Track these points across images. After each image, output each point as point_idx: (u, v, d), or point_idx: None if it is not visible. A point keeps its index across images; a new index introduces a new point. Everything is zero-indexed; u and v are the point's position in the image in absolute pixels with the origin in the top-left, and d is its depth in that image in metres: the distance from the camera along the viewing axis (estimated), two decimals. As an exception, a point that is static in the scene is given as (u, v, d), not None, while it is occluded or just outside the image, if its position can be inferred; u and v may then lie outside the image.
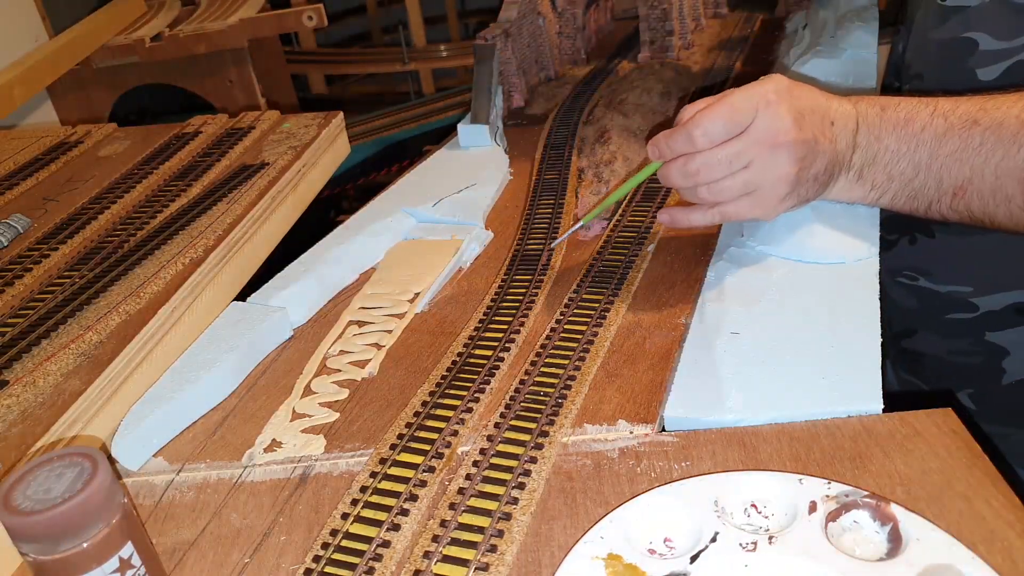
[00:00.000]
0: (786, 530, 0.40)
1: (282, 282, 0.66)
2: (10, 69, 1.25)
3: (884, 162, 0.59)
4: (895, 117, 0.58)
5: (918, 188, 0.58)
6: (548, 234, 0.71)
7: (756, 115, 0.56)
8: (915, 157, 0.57)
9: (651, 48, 1.09)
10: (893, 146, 0.58)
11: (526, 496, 0.44)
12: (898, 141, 0.58)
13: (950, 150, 0.56)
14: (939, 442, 0.45)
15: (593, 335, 0.57)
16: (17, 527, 0.32)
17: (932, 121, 0.57)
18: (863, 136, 0.59)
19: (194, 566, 0.44)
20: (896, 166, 0.58)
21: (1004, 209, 0.55)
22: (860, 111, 0.59)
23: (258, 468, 0.50)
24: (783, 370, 0.52)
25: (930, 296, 0.80)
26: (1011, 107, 0.55)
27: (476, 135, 0.88)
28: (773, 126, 0.56)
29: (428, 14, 2.77)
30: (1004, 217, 0.55)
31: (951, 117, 0.56)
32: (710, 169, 0.57)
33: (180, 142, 0.87)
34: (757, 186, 0.57)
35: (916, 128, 0.57)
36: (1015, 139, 0.53)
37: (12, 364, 0.54)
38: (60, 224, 0.72)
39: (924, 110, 0.57)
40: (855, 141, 0.59)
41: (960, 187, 0.56)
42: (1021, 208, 0.54)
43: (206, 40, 1.59)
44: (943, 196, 0.57)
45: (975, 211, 0.56)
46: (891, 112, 0.58)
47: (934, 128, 0.56)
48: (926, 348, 0.83)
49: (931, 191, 0.58)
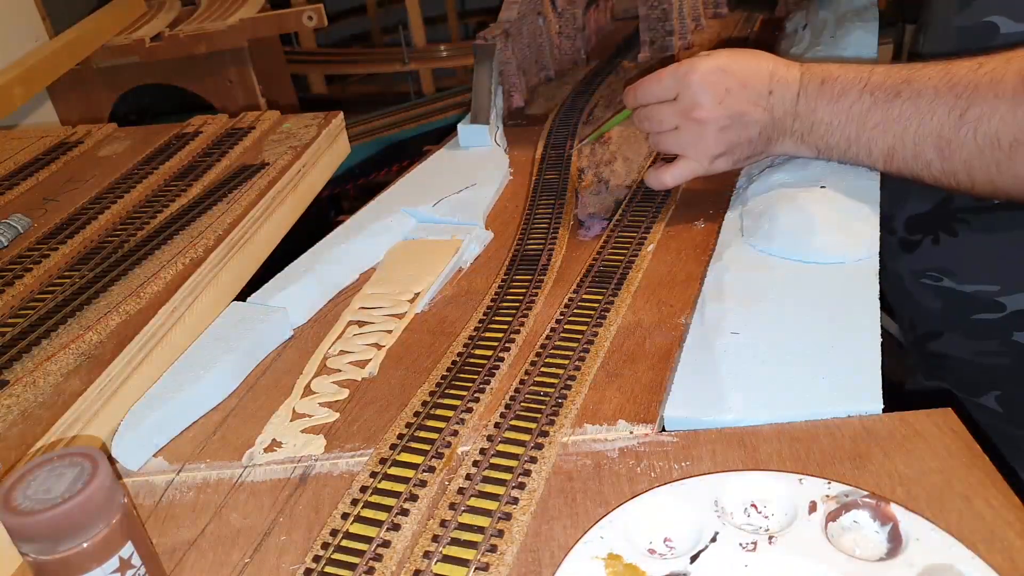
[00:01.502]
0: (786, 530, 0.40)
1: (282, 282, 0.66)
2: (10, 69, 1.25)
3: (820, 132, 0.66)
4: (830, 92, 0.64)
5: (853, 156, 0.65)
6: (548, 234, 0.71)
7: (680, 89, 0.67)
8: (846, 131, 0.64)
9: (651, 48, 1.09)
10: (827, 119, 0.65)
11: (526, 496, 0.44)
12: (831, 115, 0.65)
13: (874, 123, 0.62)
14: (939, 442, 0.45)
15: (593, 335, 0.57)
16: (17, 527, 0.32)
17: (860, 97, 0.63)
18: (802, 105, 0.66)
19: (194, 566, 0.44)
20: (831, 137, 0.65)
21: (926, 172, 0.61)
22: (803, 81, 0.66)
23: (258, 468, 0.50)
24: (783, 370, 0.52)
25: (955, 297, 0.79)
26: (932, 77, 0.60)
27: (476, 135, 0.88)
28: (693, 100, 0.67)
29: (428, 14, 2.77)
30: (928, 178, 0.62)
31: (877, 92, 0.62)
32: (649, 123, 0.71)
33: (180, 142, 0.87)
34: (684, 147, 0.70)
35: (846, 104, 0.64)
36: (930, 107, 0.59)
37: (12, 364, 0.54)
38: (60, 224, 0.72)
39: (856, 86, 0.63)
40: (795, 110, 0.66)
41: (887, 155, 0.63)
42: (940, 171, 0.60)
43: (206, 40, 1.59)
44: (875, 162, 0.64)
45: (904, 173, 0.63)
46: (828, 86, 0.65)
47: (861, 104, 0.63)
48: (951, 350, 0.82)
49: (864, 158, 0.65)
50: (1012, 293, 0.75)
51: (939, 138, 0.59)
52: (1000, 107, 0.56)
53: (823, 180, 0.67)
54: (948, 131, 0.58)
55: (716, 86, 0.66)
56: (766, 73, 0.67)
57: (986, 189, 0.59)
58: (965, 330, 0.80)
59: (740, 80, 0.66)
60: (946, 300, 0.80)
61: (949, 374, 0.84)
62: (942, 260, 0.80)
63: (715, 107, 0.66)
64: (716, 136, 0.68)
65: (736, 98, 0.66)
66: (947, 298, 0.80)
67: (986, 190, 0.60)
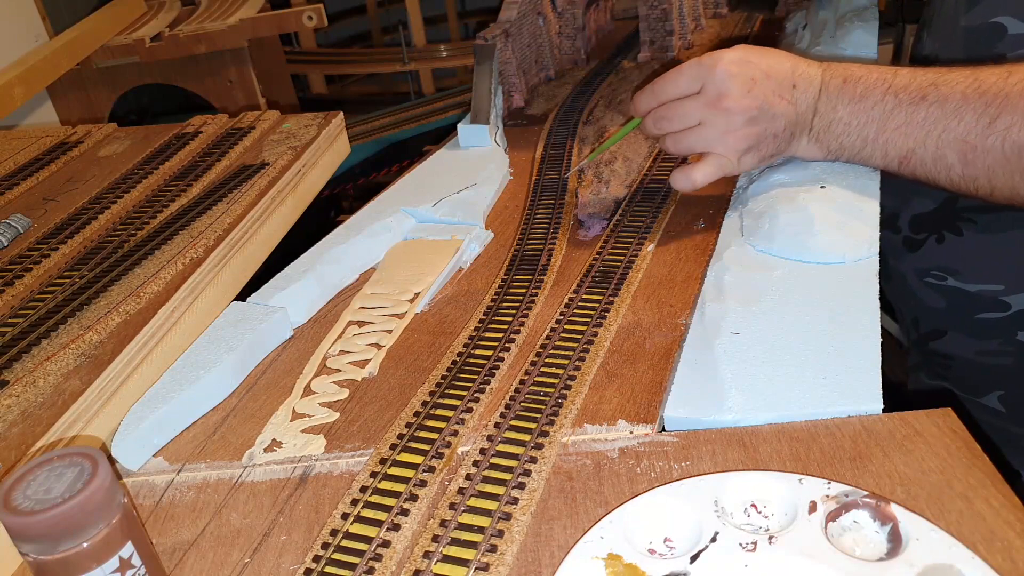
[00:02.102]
0: (786, 530, 0.40)
1: (282, 282, 0.66)
2: (10, 69, 1.25)
3: (837, 132, 0.65)
4: (852, 92, 0.63)
5: (866, 158, 0.64)
6: (548, 234, 0.71)
7: (705, 80, 0.65)
8: (864, 132, 0.63)
9: (651, 48, 1.09)
10: (845, 118, 0.64)
11: (526, 496, 0.44)
12: (850, 115, 0.63)
13: (896, 124, 0.61)
14: (939, 442, 0.45)
15: (593, 335, 0.57)
16: (17, 527, 0.32)
17: (883, 99, 0.62)
18: (823, 103, 0.64)
19: (194, 566, 0.44)
20: (847, 137, 0.64)
21: (944, 176, 0.61)
22: (825, 78, 0.65)
23: (258, 468, 0.50)
24: (783, 370, 0.52)
25: (960, 296, 0.79)
26: (960, 82, 0.59)
27: (476, 135, 0.88)
28: (720, 90, 0.64)
29: (428, 14, 2.77)
30: (945, 182, 0.61)
31: (902, 95, 0.61)
32: (668, 122, 0.67)
33: (180, 142, 0.87)
34: (710, 142, 0.66)
35: (868, 105, 0.62)
36: (956, 112, 0.58)
37: (12, 364, 0.54)
38: (60, 224, 0.72)
39: (879, 87, 0.62)
40: (816, 106, 0.65)
41: (904, 157, 0.62)
42: (960, 176, 0.60)
43: (206, 40, 1.59)
44: (889, 163, 0.63)
45: (919, 176, 0.62)
46: (850, 86, 0.63)
47: (884, 105, 0.62)
48: (955, 350, 0.82)
49: (877, 160, 0.64)
50: (1017, 292, 0.75)
51: (964, 143, 0.58)
52: None
53: (823, 180, 0.67)
54: (975, 137, 0.58)
55: (743, 76, 0.64)
56: (788, 67, 0.65)
57: (1004, 195, 0.59)
58: (969, 329, 0.80)
59: (765, 71, 0.65)
60: (950, 299, 0.80)
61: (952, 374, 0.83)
62: (947, 259, 0.80)
63: (744, 96, 0.64)
64: (745, 129, 0.65)
65: (763, 88, 0.64)
66: (951, 297, 0.80)
67: (1004, 196, 0.59)
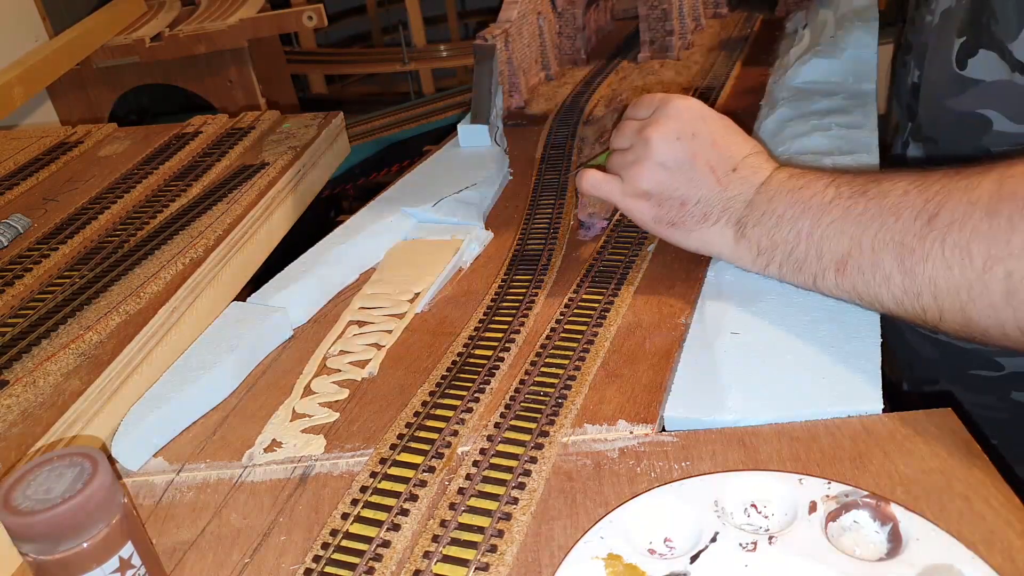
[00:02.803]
0: (786, 530, 0.40)
1: (282, 282, 0.66)
2: (10, 69, 1.25)
3: (768, 225, 0.57)
4: (794, 184, 0.56)
5: (800, 258, 0.55)
6: (548, 234, 0.71)
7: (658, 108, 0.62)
8: (797, 224, 0.55)
9: (651, 48, 1.09)
10: (780, 210, 0.56)
11: (526, 496, 0.44)
12: (785, 206, 0.56)
13: (832, 218, 0.53)
14: (939, 442, 0.45)
15: (593, 335, 0.57)
16: (17, 527, 0.32)
17: (824, 191, 0.55)
18: (761, 196, 0.58)
19: (194, 566, 0.44)
20: (780, 231, 0.56)
21: (886, 290, 0.51)
22: (773, 176, 0.58)
23: (258, 468, 0.50)
24: (783, 370, 0.52)
25: (952, 350, 0.76)
26: (903, 178, 0.52)
27: (476, 135, 0.88)
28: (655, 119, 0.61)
29: (428, 14, 2.77)
30: (889, 299, 0.51)
31: (843, 187, 0.54)
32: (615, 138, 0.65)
33: (180, 142, 0.87)
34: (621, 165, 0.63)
35: (806, 195, 0.55)
36: (894, 209, 0.50)
37: (12, 364, 0.54)
38: (60, 224, 0.72)
39: (823, 180, 0.55)
40: (752, 198, 0.58)
41: (841, 261, 0.53)
42: (903, 290, 0.50)
43: (206, 40, 1.59)
44: (826, 270, 0.54)
45: (862, 293, 0.52)
46: (794, 179, 0.57)
47: (822, 196, 0.54)
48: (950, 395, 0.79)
49: (812, 263, 0.55)
50: (1010, 355, 0.72)
51: (901, 246, 0.49)
52: (974, 214, 0.46)
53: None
54: (912, 238, 0.49)
55: (686, 124, 0.60)
56: (741, 150, 0.60)
57: (956, 321, 0.48)
58: (963, 383, 0.77)
59: (713, 138, 0.60)
60: (943, 351, 0.77)
61: None
62: None
63: (670, 138, 0.60)
64: (652, 171, 0.60)
65: (697, 147, 0.60)
66: (944, 349, 0.77)
67: (956, 322, 0.48)
